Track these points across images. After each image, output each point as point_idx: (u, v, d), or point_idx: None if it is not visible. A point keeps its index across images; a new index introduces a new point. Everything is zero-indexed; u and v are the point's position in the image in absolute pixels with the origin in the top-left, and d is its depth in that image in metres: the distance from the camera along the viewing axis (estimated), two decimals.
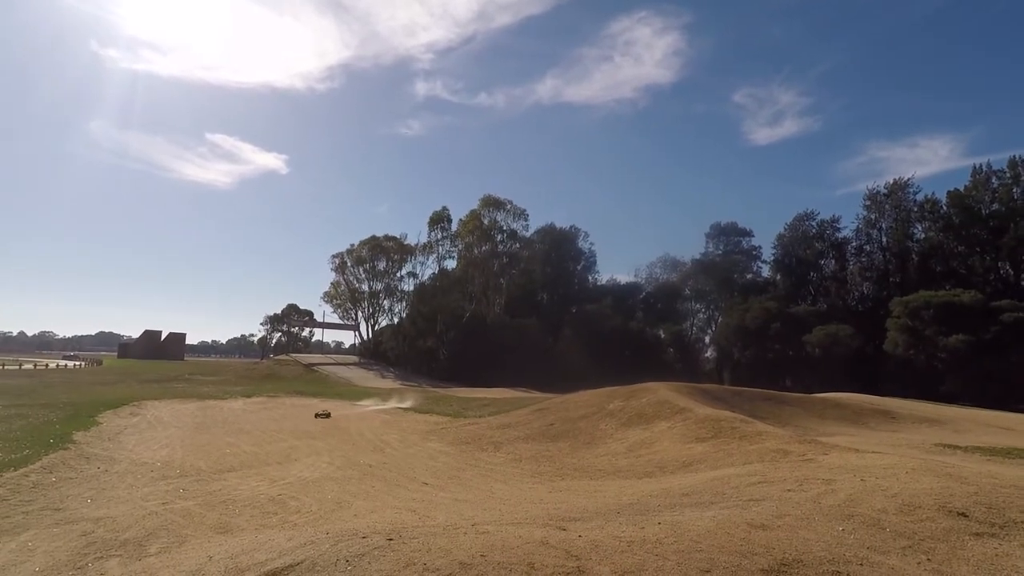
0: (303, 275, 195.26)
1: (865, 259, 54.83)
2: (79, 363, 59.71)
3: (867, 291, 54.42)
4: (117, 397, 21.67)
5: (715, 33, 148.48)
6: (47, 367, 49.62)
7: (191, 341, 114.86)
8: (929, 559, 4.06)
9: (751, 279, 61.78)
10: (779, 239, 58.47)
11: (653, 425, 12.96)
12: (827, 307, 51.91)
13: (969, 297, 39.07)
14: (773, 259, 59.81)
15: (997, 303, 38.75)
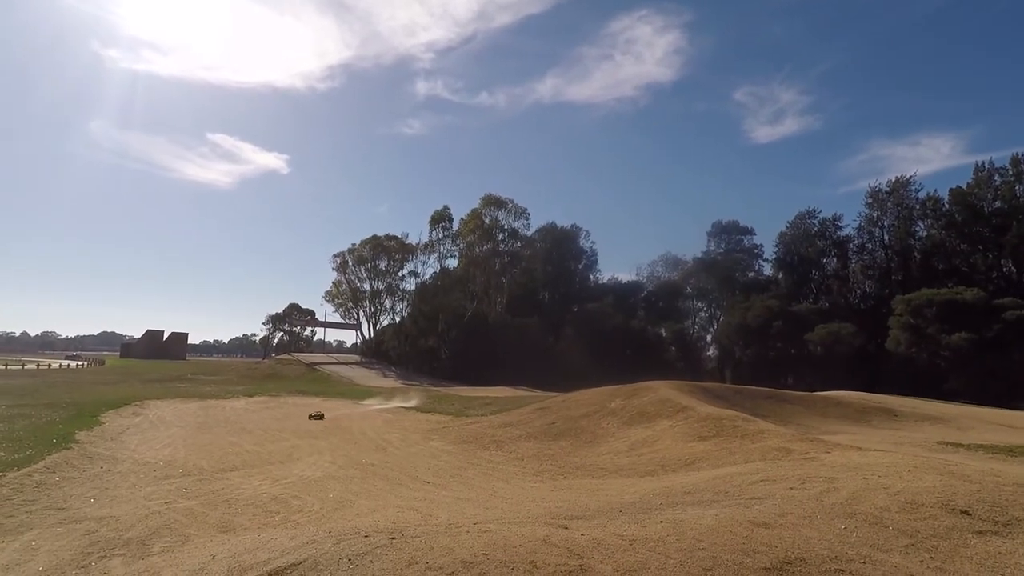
0: (305, 274, 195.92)
1: (867, 257, 54.75)
2: (82, 363, 59.87)
3: (869, 289, 54.33)
4: (120, 397, 21.72)
5: (716, 31, 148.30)
6: (50, 367, 49.74)
7: (193, 341, 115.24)
8: (932, 557, 4.05)
9: (753, 277, 61.70)
10: (781, 237, 58.44)
11: (655, 424, 12.96)
12: (829, 305, 51.81)
13: (971, 295, 38.99)
14: (775, 257, 59.82)
15: (999, 301, 38.67)
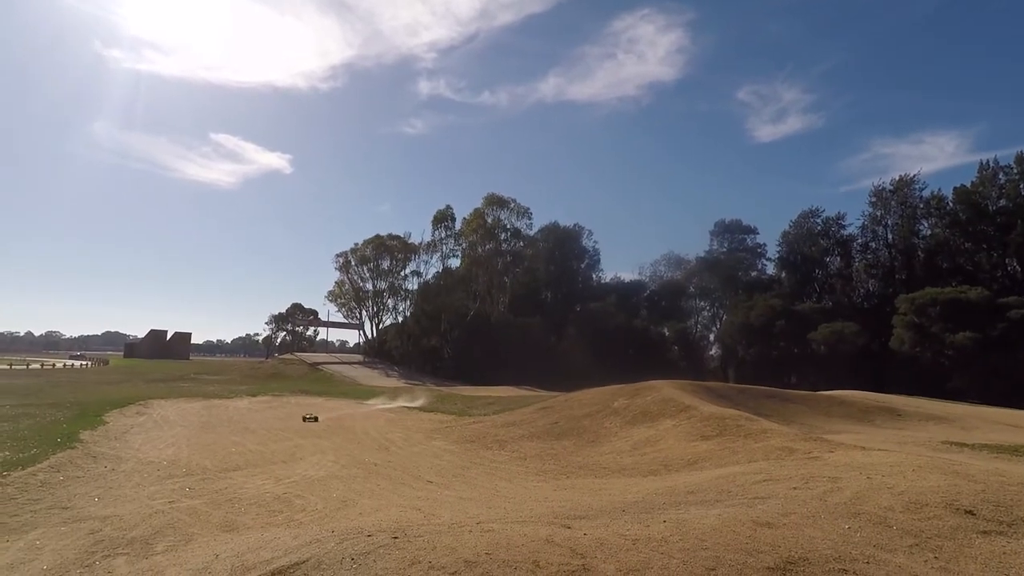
0: (307, 274, 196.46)
1: (871, 256, 54.51)
2: (85, 363, 60.08)
3: (873, 288, 54.11)
4: (123, 396, 21.79)
5: (718, 30, 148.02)
6: (54, 367, 49.96)
7: (196, 340, 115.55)
8: (936, 557, 4.04)
9: (756, 277, 61.48)
10: (784, 236, 58.22)
11: (658, 423, 12.94)
12: (832, 304, 51.61)
13: (976, 294, 38.81)
14: (778, 256, 59.59)
15: (1004, 300, 38.46)
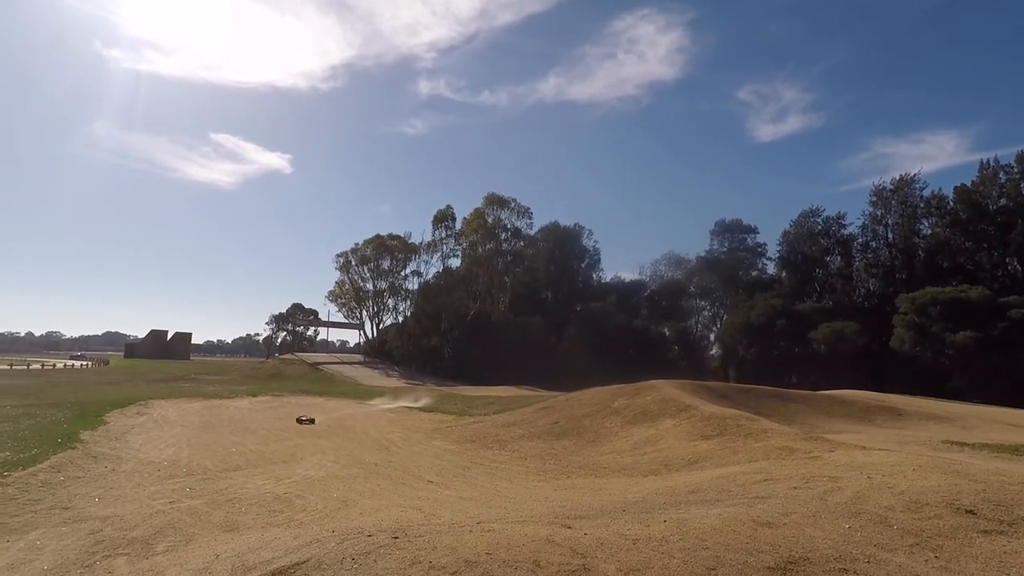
0: (307, 274, 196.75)
1: (871, 255, 54.49)
2: (86, 363, 60.10)
3: (873, 288, 54.08)
4: (124, 397, 21.78)
5: (718, 30, 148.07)
6: (54, 367, 49.96)
7: (197, 341, 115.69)
8: (937, 556, 4.04)
9: (756, 276, 61.47)
10: (784, 236, 58.21)
11: (658, 423, 12.94)
12: (833, 304, 51.59)
13: (976, 293, 38.78)
14: (778, 256, 59.56)
15: (1005, 299, 38.43)
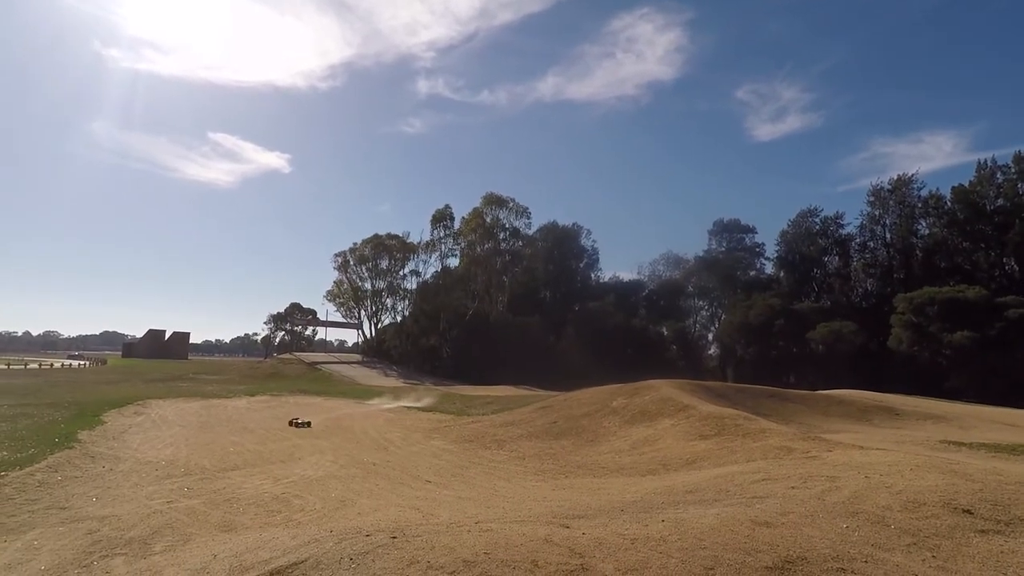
0: (306, 274, 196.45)
1: (869, 255, 54.62)
2: (84, 363, 59.95)
3: (871, 287, 54.22)
4: (122, 396, 21.75)
5: (717, 29, 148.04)
6: (52, 367, 49.85)
7: (195, 340, 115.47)
8: (934, 556, 4.05)
9: (754, 276, 61.58)
10: (782, 236, 58.33)
11: (656, 423, 12.95)
12: (831, 304, 51.69)
13: (974, 293, 38.89)
14: (776, 256, 59.71)
15: (1002, 299, 38.55)
